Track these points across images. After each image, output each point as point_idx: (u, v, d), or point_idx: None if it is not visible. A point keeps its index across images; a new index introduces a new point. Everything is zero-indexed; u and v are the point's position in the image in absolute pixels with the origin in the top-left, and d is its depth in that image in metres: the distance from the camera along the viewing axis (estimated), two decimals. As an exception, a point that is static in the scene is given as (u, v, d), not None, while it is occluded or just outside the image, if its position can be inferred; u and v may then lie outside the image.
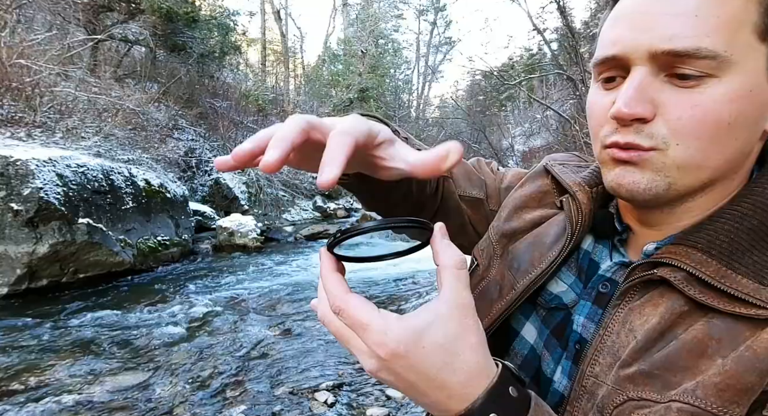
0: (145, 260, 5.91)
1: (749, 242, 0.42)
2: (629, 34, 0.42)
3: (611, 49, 0.44)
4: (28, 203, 4.58)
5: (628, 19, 0.43)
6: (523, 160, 18.96)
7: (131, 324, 4.09)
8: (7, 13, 7.53)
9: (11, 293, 4.59)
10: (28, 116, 6.37)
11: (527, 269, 0.56)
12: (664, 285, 0.44)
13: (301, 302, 4.90)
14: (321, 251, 0.42)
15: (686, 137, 0.41)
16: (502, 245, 0.62)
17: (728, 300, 0.40)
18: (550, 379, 0.53)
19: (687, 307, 0.42)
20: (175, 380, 3.07)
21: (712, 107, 0.40)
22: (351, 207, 13.00)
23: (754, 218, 0.43)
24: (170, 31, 11.25)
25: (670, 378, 0.40)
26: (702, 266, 0.42)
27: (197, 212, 8.30)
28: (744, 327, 0.39)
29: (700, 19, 0.39)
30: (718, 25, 0.39)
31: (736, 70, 0.40)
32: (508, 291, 0.57)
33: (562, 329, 0.54)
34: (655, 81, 0.42)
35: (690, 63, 0.40)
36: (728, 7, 0.39)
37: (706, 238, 0.44)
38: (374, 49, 20.20)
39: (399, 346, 0.35)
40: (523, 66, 17.44)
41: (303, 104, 18.49)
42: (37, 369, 3.16)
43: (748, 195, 0.45)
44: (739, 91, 0.40)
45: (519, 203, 0.65)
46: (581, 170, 0.62)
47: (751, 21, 0.40)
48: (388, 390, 2.94)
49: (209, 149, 11.08)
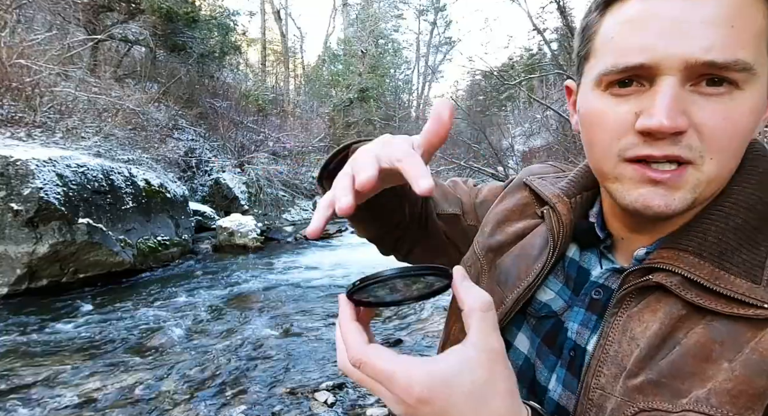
0: (145, 260, 5.91)
1: (737, 242, 0.43)
2: (661, 41, 0.39)
3: (638, 57, 0.40)
4: (28, 203, 4.58)
5: (657, 25, 0.40)
6: (523, 160, 18.94)
7: (131, 324, 4.09)
8: (7, 13, 7.53)
9: (11, 293, 4.59)
10: (28, 116, 6.37)
11: (515, 283, 0.57)
12: (660, 290, 0.44)
13: (301, 302, 4.91)
14: (340, 298, 0.42)
15: (719, 150, 0.40)
16: (489, 260, 0.63)
17: (725, 302, 0.40)
18: (545, 387, 0.53)
19: (685, 311, 0.42)
20: (175, 380, 3.07)
21: (740, 120, 0.40)
22: (351, 207, 12.99)
23: (738, 216, 0.43)
24: (170, 31, 11.25)
25: (678, 386, 0.40)
26: (696, 270, 0.42)
27: (197, 212, 8.30)
28: (744, 328, 0.39)
29: (736, 30, 0.38)
30: (749, 38, 0.38)
31: (757, 83, 0.40)
32: (498, 306, 0.56)
33: (553, 336, 0.54)
34: (683, 92, 0.40)
35: (724, 74, 0.38)
36: (757, 21, 0.39)
37: (695, 240, 0.44)
38: (374, 49, 20.20)
39: (424, 392, 0.35)
40: (523, 66, 17.44)
41: (303, 104, 18.50)
42: (37, 369, 3.16)
43: (730, 195, 0.45)
44: (758, 103, 0.40)
45: (501, 218, 0.66)
46: (560, 180, 0.63)
47: (766, 34, 0.40)
48: (388, 390, 2.94)
49: (209, 149, 11.09)
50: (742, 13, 0.38)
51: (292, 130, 14.41)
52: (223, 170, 10.49)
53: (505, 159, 15.18)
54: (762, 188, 0.45)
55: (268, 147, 12.38)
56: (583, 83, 0.49)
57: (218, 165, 10.59)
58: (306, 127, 15.39)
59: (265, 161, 11.46)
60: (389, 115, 19.34)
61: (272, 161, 11.78)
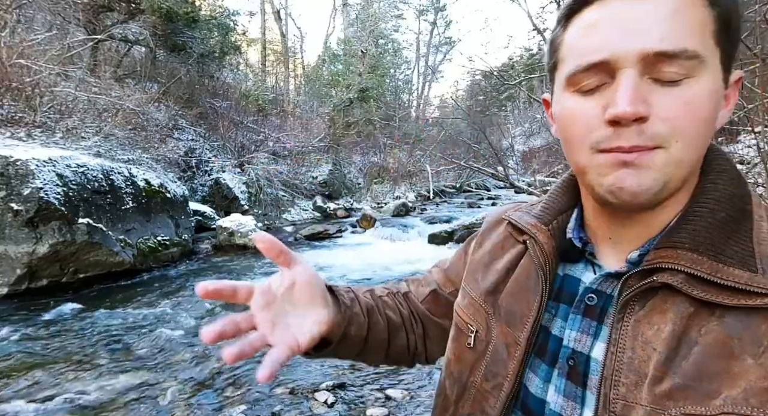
0: (145, 260, 5.91)
1: (725, 235, 0.45)
2: (617, 39, 0.43)
3: (597, 55, 0.44)
4: (28, 203, 4.58)
5: (611, 24, 0.44)
6: (523, 160, 18.96)
7: (131, 324, 4.09)
8: (7, 13, 7.53)
9: (11, 293, 4.59)
10: (28, 116, 6.37)
11: (523, 322, 0.57)
12: (664, 291, 0.45)
13: (301, 302, 4.90)
14: None
15: (683, 134, 0.43)
16: (491, 303, 0.63)
17: (730, 294, 0.41)
18: (543, 400, 0.53)
19: (693, 308, 0.43)
20: (175, 380, 3.07)
21: (699, 104, 0.43)
22: (351, 207, 13.00)
23: (721, 211, 0.46)
24: (170, 31, 11.24)
25: (707, 388, 0.39)
26: (697, 265, 0.43)
27: (197, 212, 8.29)
28: (759, 320, 0.40)
29: (681, 23, 0.42)
30: (694, 29, 0.42)
31: (708, 70, 0.43)
32: (514, 348, 0.57)
33: (542, 346, 0.55)
34: (643, 83, 0.43)
35: (676, 64, 0.42)
36: (697, 13, 0.43)
37: (688, 237, 0.45)
38: (374, 49, 20.18)
39: None
40: (523, 66, 17.44)
41: (303, 104, 18.48)
42: (36, 369, 3.16)
43: (708, 192, 0.48)
44: (712, 89, 0.44)
45: (486, 260, 0.67)
46: (534, 207, 0.64)
47: (710, 26, 0.43)
48: (388, 390, 2.94)
49: (209, 149, 11.08)
50: (685, 9, 0.42)
51: (292, 130, 14.40)
52: (223, 170, 10.49)
53: (505, 159, 15.18)
54: (732, 183, 0.48)
55: (268, 147, 12.38)
56: (555, 91, 0.52)
57: (218, 165, 10.59)
58: (306, 127, 15.37)
59: (265, 161, 11.46)
60: (389, 115, 19.30)
61: (272, 161, 11.77)
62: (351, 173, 15.48)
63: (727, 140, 3.80)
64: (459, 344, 0.65)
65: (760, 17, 2.67)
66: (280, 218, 10.71)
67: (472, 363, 0.61)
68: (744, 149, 3.63)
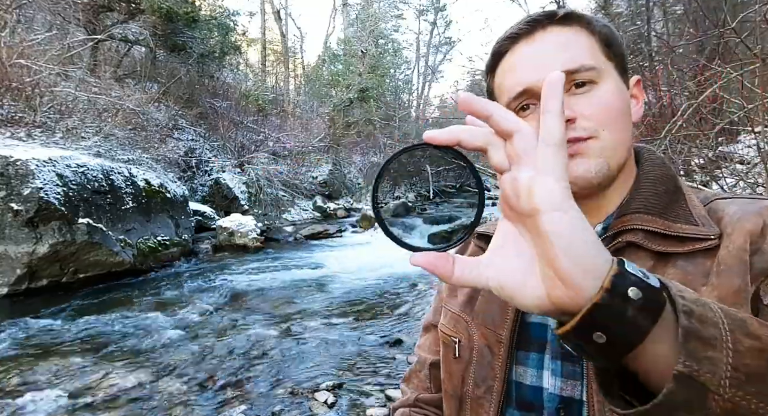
0: (145, 260, 5.91)
1: (667, 201, 0.57)
2: (532, 71, 0.58)
3: (523, 86, 0.59)
4: (28, 203, 4.58)
5: (527, 62, 0.59)
6: (523, 160, 18.89)
7: (131, 324, 4.09)
8: (7, 13, 7.53)
9: (11, 293, 4.59)
10: (28, 116, 6.37)
11: (502, 319, 0.63)
12: (629, 249, 0.55)
13: (301, 302, 4.91)
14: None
15: (605, 124, 0.56)
16: (468, 312, 0.69)
17: (681, 243, 0.52)
18: (539, 387, 0.57)
19: (653, 261, 0.53)
20: (175, 380, 3.07)
21: (607, 100, 0.57)
22: (351, 207, 13.00)
23: (660, 185, 0.59)
24: (170, 31, 11.24)
25: None
26: (652, 224, 0.54)
27: (197, 212, 8.30)
28: (703, 259, 0.51)
29: (574, 48, 0.58)
30: (584, 50, 0.58)
31: (607, 77, 0.58)
32: (497, 347, 0.62)
33: (525, 338, 0.61)
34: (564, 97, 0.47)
35: (582, 75, 0.57)
36: (584, 41, 0.59)
37: (641, 205, 0.57)
38: (374, 49, 20.17)
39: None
40: (523, 66, 17.38)
41: (303, 104, 18.49)
42: (36, 368, 3.16)
43: (647, 173, 0.61)
44: (615, 89, 0.58)
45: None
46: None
47: (596, 46, 0.59)
48: (388, 390, 2.94)
49: (209, 149, 11.09)
50: (575, 39, 0.59)
51: (292, 130, 14.40)
52: (223, 170, 10.49)
53: (505, 159, 15.09)
54: (664, 167, 0.62)
55: (268, 147, 12.38)
56: None
57: (218, 165, 10.59)
58: (306, 127, 15.38)
59: (265, 161, 11.46)
60: (389, 115, 19.30)
61: (272, 161, 11.77)
62: (351, 173, 15.48)
63: (727, 140, 3.80)
64: (447, 360, 0.70)
65: (760, 17, 2.67)
66: (280, 218, 10.71)
67: (462, 373, 0.66)
68: (744, 149, 3.62)
